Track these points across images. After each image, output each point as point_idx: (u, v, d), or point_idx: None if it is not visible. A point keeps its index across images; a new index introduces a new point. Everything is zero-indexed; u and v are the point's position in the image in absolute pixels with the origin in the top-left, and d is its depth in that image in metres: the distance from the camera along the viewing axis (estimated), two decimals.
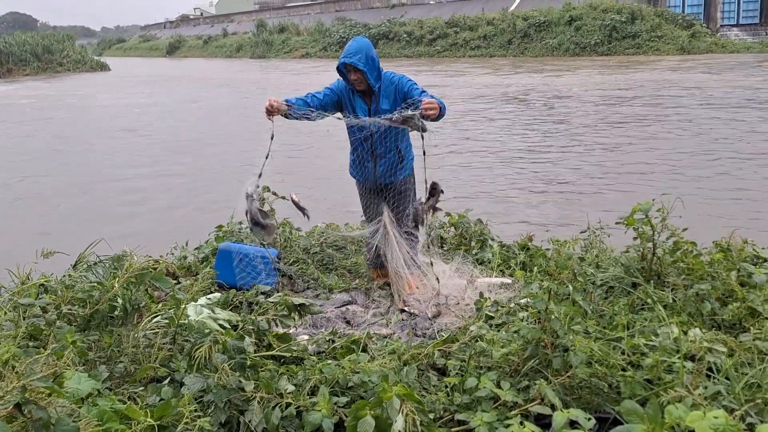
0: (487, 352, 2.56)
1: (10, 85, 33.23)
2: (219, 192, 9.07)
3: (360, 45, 3.77)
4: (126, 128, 15.99)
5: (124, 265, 3.32)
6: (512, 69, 27.47)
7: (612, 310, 3.09)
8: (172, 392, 2.38)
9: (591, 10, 34.11)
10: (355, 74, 3.75)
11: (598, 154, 10.29)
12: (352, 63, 3.70)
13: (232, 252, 3.93)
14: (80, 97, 25.58)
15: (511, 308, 3.30)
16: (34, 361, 1.70)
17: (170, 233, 6.84)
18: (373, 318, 3.64)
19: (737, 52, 29.42)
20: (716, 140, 10.80)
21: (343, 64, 3.75)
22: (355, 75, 3.75)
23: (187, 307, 3.07)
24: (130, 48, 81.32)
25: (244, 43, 54.63)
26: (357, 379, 2.42)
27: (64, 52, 45.22)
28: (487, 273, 4.04)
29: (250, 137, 13.23)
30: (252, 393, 2.31)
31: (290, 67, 37.59)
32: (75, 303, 3.00)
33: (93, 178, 10.55)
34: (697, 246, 3.45)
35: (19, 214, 8.58)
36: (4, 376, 1.83)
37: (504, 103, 16.88)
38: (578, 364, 2.41)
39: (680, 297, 3.03)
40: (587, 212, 4.61)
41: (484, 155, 10.80)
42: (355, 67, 3.69)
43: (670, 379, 2.34)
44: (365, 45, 3.79)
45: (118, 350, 2.76)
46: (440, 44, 38.93)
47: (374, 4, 54.06)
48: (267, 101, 3.72)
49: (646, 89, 17.90)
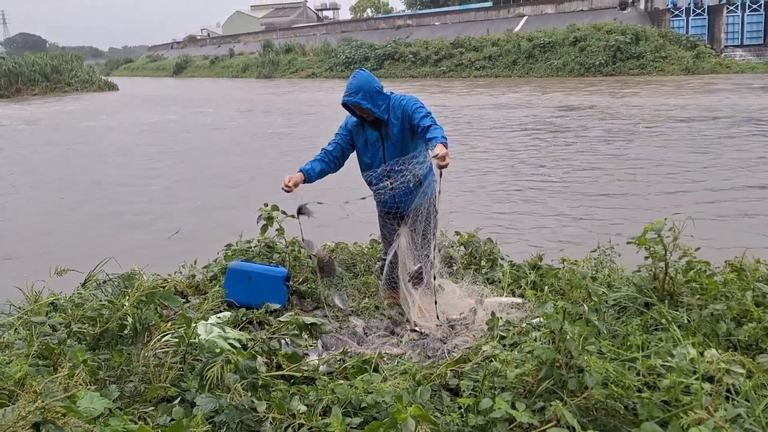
0: (501, 372, 2.53)
1: (27, 105, 33.41)
2: (228, 210, 9.10)
3: (360, 82, 3.75)
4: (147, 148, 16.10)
5: (134, 283, 3.32)
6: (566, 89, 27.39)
7: (625, 330, 3.05)
8: (183, 412, 2.35)
9: (595, 31, 34.38)
10: (360, 110, 3.78)
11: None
12: (355, 102, 3.73)
13: (241, 271, 3.91)
14: (97, 115, 25.79)
15: (523, 328, 3.27)
16: (51, 380, 1.68)
17: (178, 252, 6.85)
18: (384, 338, 3.61)
19: (742, 72, 29.52)
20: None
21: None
22: (360, 110, 3.78)
23: (197, 325, 3.05)
24: (137, 68, 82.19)
25: (251, 64, 55.14)
26: (370, 399, 2.39)
27: (72, 72, 45.63)
28: (498, 293, 4.01)
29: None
30: (264, 413, 2.28)
31: (306, 86, 37.93)
32: (85, 321, 2.98)
33: (99, 196, 10.59)
34: (710, 266, 3.42)
35: (28, 230, 8.61)
36: (18, 394, 1.81)
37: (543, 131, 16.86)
38: (594, 385, 2.38)
39: (695, 317, 2.99)
40: (596, 232, 4.58)
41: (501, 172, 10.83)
42: (359, 105, 3.73)
43: (689, 401, 2.30)
44: (365, 80, 3.77)
45: (128, 369, 2.73)
46: (445, 64, 39.23)
47: (380, 25, 54.64)
48: (282, 183, 3.80)
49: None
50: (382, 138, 3.84)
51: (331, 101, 25.72)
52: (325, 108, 23.37)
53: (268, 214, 4.45)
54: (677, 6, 35.87)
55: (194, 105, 28.24)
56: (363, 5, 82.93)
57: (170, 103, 30.19)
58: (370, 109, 3.72)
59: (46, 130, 21.10)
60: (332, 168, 4.02)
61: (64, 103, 33.52)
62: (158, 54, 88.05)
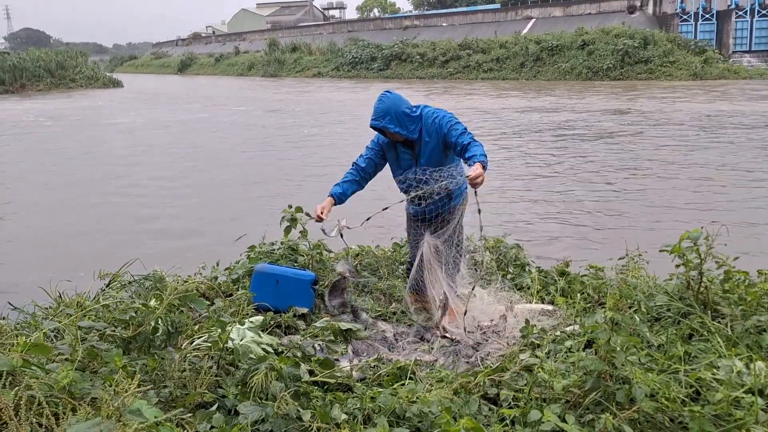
0: (548, 383, 2.48)
1: (35, 101, 33.37)
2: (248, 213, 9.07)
3: (387, 105, 3.67)
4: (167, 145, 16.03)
5: (165, 286, 3.28)
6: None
7: (666, 341, 3.00)
8: (224, 419, 2.31)
9: (603, 35, 34.29)
10: (389, 133, 3.73)
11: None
12: (383, 126, 3.67)
13: (269, 274, 3.87)
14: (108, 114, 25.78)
15: (558, 336, 3.22)
16: (103, 389, 1.64)
17: (193, 254, 6.83)
18: (414, 344, 3.57)
19: (750, 78, 29.44)
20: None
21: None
22: (390, 133, 3.73)
23: (231, 330, 3.01)
24: (141, 65, 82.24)
25: (256, 62, 55.12)
26: (415, 409, 2.34)
27: (77, 68, 45.67)
28: (527, 299, 3.96)
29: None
30: (309, 422, 2.24)
31: (319, 85, 37.87)
32: (117, 324, 2.94)
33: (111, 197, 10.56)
34: (749, 275, 3.37)
35: (45, 227, 8.58)
36: (68, 403, 1.77)
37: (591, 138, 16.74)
38: (642, 397, 2.33)
39: (738, 328, 2.94)
40: (626, 239, 4.53)
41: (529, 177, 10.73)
42: (387, 129, 3.68)
43: (741, 416, 2.25)
44: (392, 103, 3.68)
45: (162, 374, 2.69)
46: (453, 66, 39.18)
47: (386, 25, 54.59)
48: (315, 214, 3.80)
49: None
50: (415, 157, 3.78)
51: (356, 102, 25.74)
52: (350, 109, 23.21)
53: (292, 216, 4.40)
54: (686, 10, 35.78)
55: (217, 104, 27.91)
56: (369, 5, 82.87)
57: (190, 101, 29.88)
58: (399, 132, 3.67)
59: (71, 127, 21.01)
60: (363, 185, 3.96)
61: (75, 100, 33.50)
62: (162, 51, 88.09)
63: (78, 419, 1.46)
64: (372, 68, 43.63)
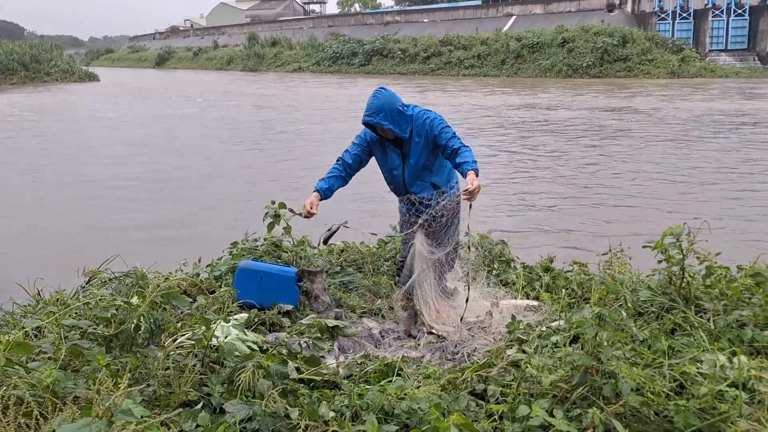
0: (536, 378, 2.49)
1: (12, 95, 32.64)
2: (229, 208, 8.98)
3: (381, 102, 3.64)
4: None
5: (148, 283, 3.23)
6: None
7: (649, 335, 3.03)
8: (210, 418, 2.28)
9: (583, 33, 34.57)
10: (382, 130, 3.71)
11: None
12: (376, 123, 3.64)
13: (253, 270, 3.83)
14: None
15: (543, 332, 3.23)
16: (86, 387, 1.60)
17: (170, 250, 6.75)
18: (400, 340, 3.56)
19: (726, 77, 29.87)
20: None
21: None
22: (382, 130, 3.71)
23: (215, 327, 2.97)
24: (118, 59, 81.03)
25: (235, 56, 54.62)
26: (404, 406, 2.33)
27: (52, 61, 44.81)
28: (513, 295, 3.98)
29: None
30: (297, 420, 2.22)
31: (305, 80, 37.54)
32: (98, 322, 2.89)
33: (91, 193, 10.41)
34: (730, 271, 3.42)
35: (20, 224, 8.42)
36: (49, 401, 1.73)
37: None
38: (628, 391, 2.35)
39: (720, 323, 2.98)
40: (609, 235, 4.58)
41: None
42: (380, 125, 3.66)
43: (725, 409, 2.28)
44: (387, 100, 3.65)
45: (145, 372, 2.65)
46: (434, 62, 39.22)
47: (367, 21, 54.44)
48: (304, 211, 3.72)
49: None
50: (403, 156, 3.77)
51: (346, 97, 25.51)
52: (342, 104, 23.02)
53: (275, 212, 4.37)
54: (664, 9, 36.20)
55: (207, 98, 27.42)
56: (350, 0, 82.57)
57: (176, 95, 29.37)
58: (392, 130, 3.65)
59: (56, 122, 20.58)
60: (347, 180, 3.92)
61: (53, 94, 32.82)
62: (140, 45, 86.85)
63: (65, 419, 1.43)
64: (353, 63, 43.50)
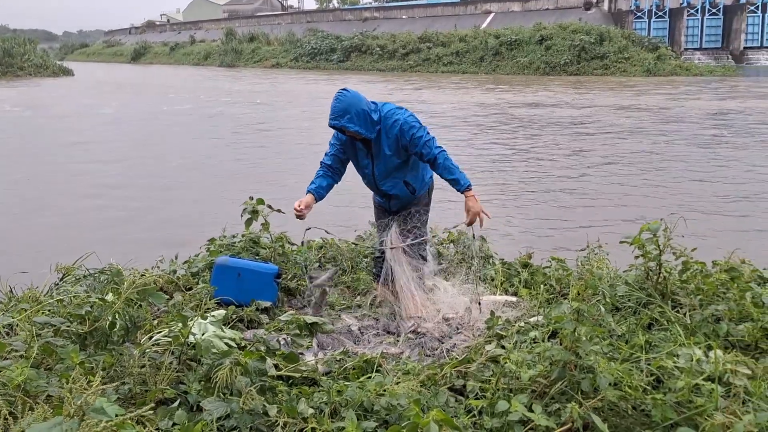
0: (515, 373, 2.49)
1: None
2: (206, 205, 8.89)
3: (345, 104, 3.60)
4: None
5: (123, 280, 3.18)
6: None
7: (626, 330, 3.06)
8: (187, 416, 2.25)
9: (561, 31, 34.82)
10: (348, 132, 3.69)
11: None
12: (341, 126, 3.63)
13: (230, 267, 3.79)
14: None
15: (522, 327, 3.24)
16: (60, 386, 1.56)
17: (147, 246, 6.66)
18: (379, 336, 3.55)
19: (701, 75, 30.29)
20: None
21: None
22: (349, 132, 3.69)
23: (192, 324, 2.93)
24: (93, 53, 79.80)
25: (213, 51, 54.06)
26: (384, 402, 2.32)
27: (25, 56, 43.99)
28: (491, 291, 3.99)
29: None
30: (276, 417, 2.20)
31: (289, 77, 37.18)
32: (72, 319, 2.83)
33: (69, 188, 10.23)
34: (706, 266, 3.46)
35: None
36: (20, 400, 1.69)
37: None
38: (606, 386, 2.36)
39: (696, 317, 3.02)
40: (586, 231, 4.62)
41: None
42: (345, 128, 3.64)
43: (702, 403, 2.30)
44: (351, 102, 3.61)
45: (120, 370, 2.60)
46: (413, 59, 39.20)
47: (346, 17, 54.25)
48: (294, 210, 3.71)
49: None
50: (372, 156, 3.77)
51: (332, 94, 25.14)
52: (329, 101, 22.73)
53: (253, 208, 4.32)
54: (640, 8, 36.61)
55: (195, 95, 26.84)
56: None
57: (159, 92, 28.79)
58: (358, 131, 3.63)
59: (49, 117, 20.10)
60: (336, 179, 3.92)
61: (31, 89, 32.14)
62: (115, 39, 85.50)
63: (36, 418, 1.39)
64: (332, 59, 43.31)
